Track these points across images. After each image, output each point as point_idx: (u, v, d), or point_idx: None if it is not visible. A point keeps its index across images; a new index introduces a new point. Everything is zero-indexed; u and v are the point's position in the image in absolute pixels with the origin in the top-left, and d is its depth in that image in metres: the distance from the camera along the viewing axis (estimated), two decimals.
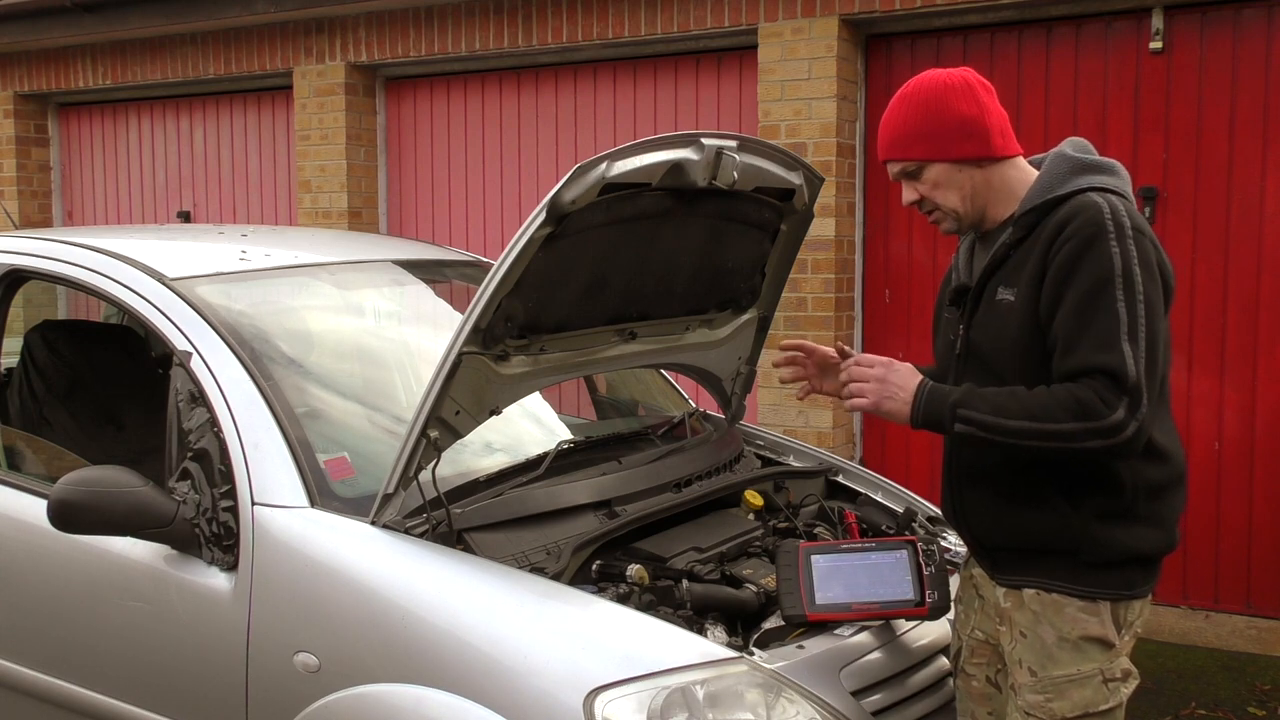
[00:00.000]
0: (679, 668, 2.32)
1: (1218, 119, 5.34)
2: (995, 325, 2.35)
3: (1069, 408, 2.16)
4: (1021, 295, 2.29)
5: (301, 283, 3.51)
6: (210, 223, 8.05)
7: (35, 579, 3.06)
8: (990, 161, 2.39)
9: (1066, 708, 2.29)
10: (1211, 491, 5.38)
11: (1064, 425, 2.16)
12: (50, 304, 6.16)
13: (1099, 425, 2.15)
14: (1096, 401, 2.15)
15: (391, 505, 2.60)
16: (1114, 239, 2.20)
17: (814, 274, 5.91)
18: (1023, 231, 2.33)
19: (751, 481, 3.28)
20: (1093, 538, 2.28)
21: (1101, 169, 2.35)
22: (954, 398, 2.27)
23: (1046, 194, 2.32)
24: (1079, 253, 2.21)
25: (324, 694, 2.52)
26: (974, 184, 2.39)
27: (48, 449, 3.67)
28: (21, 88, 8.56)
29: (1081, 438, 2.16)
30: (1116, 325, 2.16)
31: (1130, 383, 2.14)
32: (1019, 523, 2.34)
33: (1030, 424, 2.19)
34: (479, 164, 7.16)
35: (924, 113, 2.38)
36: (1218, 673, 5.01)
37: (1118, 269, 2.18)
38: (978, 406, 2.24)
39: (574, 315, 2.89)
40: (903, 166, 2.42)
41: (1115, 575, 2.30)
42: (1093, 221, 2.22)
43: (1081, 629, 2.30)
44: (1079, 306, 2.19)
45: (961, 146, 2.37)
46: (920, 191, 2.42)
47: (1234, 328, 5.35)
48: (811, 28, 5.84)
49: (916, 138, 2.38)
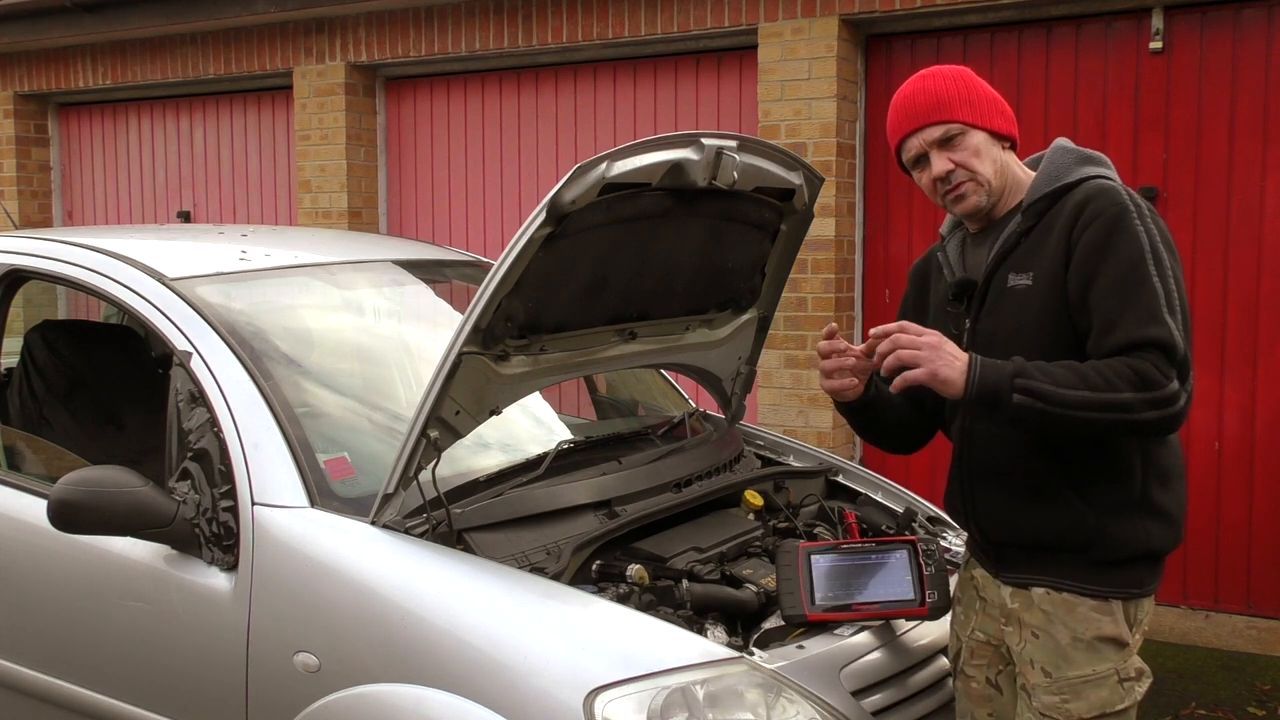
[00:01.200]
0: (679, 668, 2.32)
1: (1218, 119, 5.34)
2: (1010, 311, 2.35)
3: (1127, 378, 2.14)
4: (1042, 278, 2.29)
5: (301, 283, 3.51)
6: (210, 223, 8.05)
7: (35, 579, 3.06)
8: (1011, 146, 2.44)
9: (1083, 708, 2.29)
10: (1211, 491, 5.38)
11: (1123, 395, 2.13)
12: (50, 304, 6.16)
13: (1157, 395, 2.13)
14: (1154, 371, 2.14)
15: (391, 505, 2.60)
16: (1137, 218, 2.23)
17: (814, 274, 5.91)
18: (1033, 219, 2.34)
19: (751, 481, 3.28)
20: (1105, 534, 2.28)
21: (1102, 162, 2.39)
22: (1010, 368, 2.19)
23: (1055, 182, 2.34)
24: (1108, 231, 2.22)
25: (324, 694, 2.52)
26: (1002, 162, 2.42)
27: (48, 449, 3.67)
28: (21, 88, 8.56)
29: (1139, 408, 2.14)
30: (1157, 300, 2.17)
31: (1180, 355, 2.16)
32: (1032, 520, 2.34)
33: (1090, 394, 2.13)
34: (479, 164, 7.16)
35: (960, 83, 2.39)
36: (1218, 673, 5.01)
37: (1147, 246, 2.20)
38: (1035, 376, 2.16)
39: (574, 315, 2.89)
40: (945, 130, 2.36)
41: (1126, 573, 2.31)
42: (1116, 202, 2.24)
43: (1096, 629, 2.29)
44: (1118, 284, 2.19)
45: (998, 120, 2.41)
46: (956, 160, 2.37)
47: (1234, 328, 5.35)
48: (811, 28, 5.84)
49: (960, 102, 2.37)
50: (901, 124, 2.43)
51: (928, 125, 2.38)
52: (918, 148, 2.41)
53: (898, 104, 2.45)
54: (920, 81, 2.42)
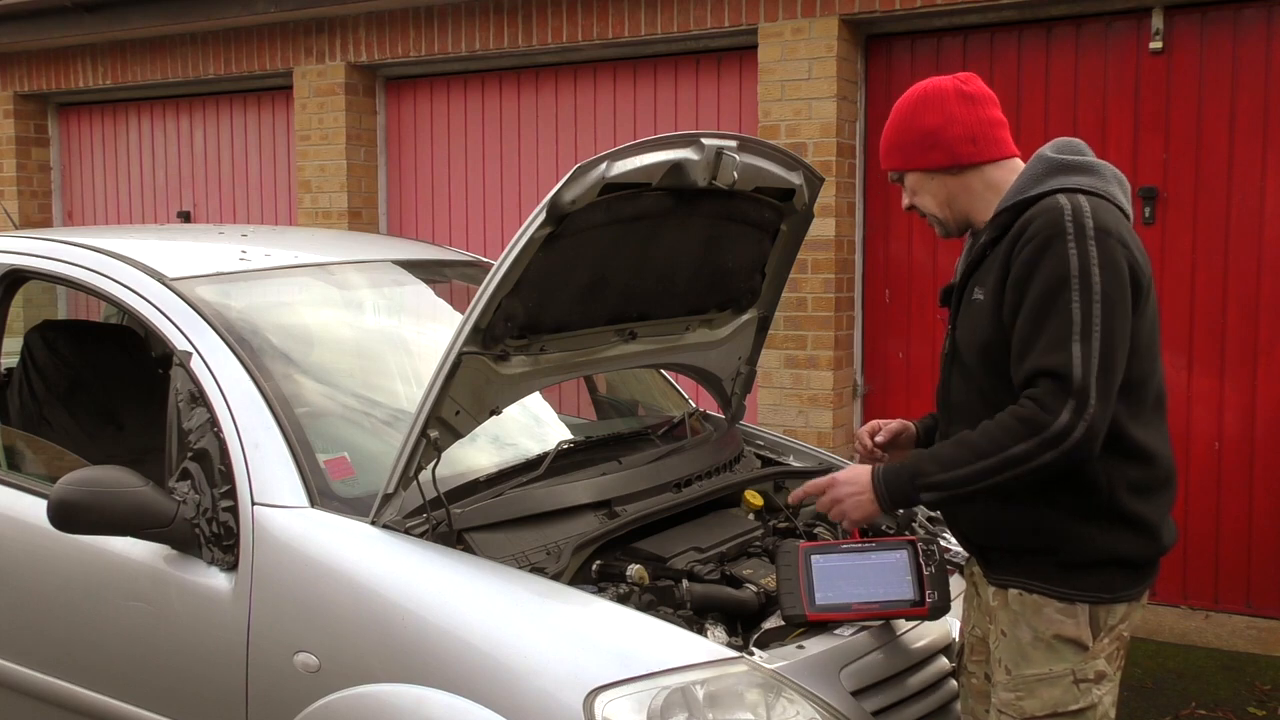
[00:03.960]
0: (679, 668, 2.32)
1: (1218, 119, 5.34)
2: (969, 325, 2.39)
3: (1012, 430, 2.18)
4: (988, 294, 2.32)
5: (301, 283, 3.51)
6: (210, 223, 8.05)
7: (35, 579, 3.06)
8: (963, 168, 2.43)
9: (1036, 706, 2.31)
10: (1211, 491, 5.37)
11: (1015, 449, 2.18)
12: (50, 304, 6.16)
13: (1046, 436, 2.15)
14: (1037, 412, 2.16)
15: (391, 505, 2.60)
16: (1072, 240, 2.20)
17: (814, 274, 5.91)
18: (997, 232, 2.36)
19: (751, 481, 3.28)
20: (1069, 536, 2.29)
21: (1079, 169, 2.34)
22: (908, 472, 2.32)
23: (1018, 195, 2.34)
24: (1036, 255, 2.22)
25: (324, 694, 2.52)
26: (949, 190, 2.45)
27: (48, 449, 3.67)
28: (21, 88, 8.56)
29: (1035, 455, 2.17)
30: (1068, 327, 2.17)
31: (1075, 384, 2.14)
32: (1002, 522, 2.36)
33: (983, 463, 2.21)
34: (479, 164, 7.16)
35: (898, 125, 2.50)
36: (1218, 673, 5.01)
37: (1074, 270, 2.18)
38: (930, 471, 2.28)
39: (574, 315, 2.89)
40: (890, 175, 2.56)
41: (1093, 577, 2.31)
42: (1051, 223, 2.23)
43: (1056, 629, 2.31)
44: (1033, 310, 2.21)
45: (927, 156, 2.45)
46: (908, 199, 2.55)
47: (1234, 328, 5.34)
48: (811, 28, 5.84)
49: (891, 149, 2.52)
50: None
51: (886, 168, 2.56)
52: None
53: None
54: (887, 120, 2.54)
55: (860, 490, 2.39)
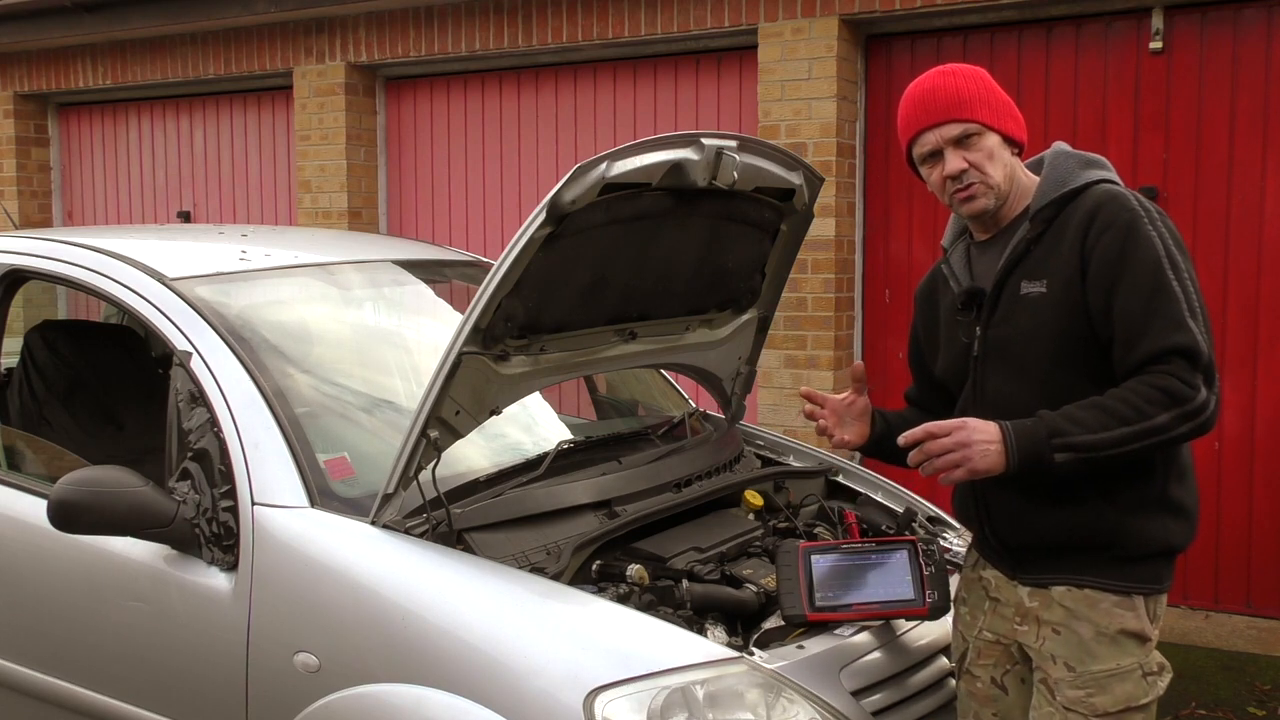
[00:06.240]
0: (679, 668, 2.32)
1: (1218, 119, 5.34)
2: (1024, 318, 2.34)
3: (1157, 400, 2.16)
4: (1058, 286, 2.29)
5: (301, 283, 3.51)
6: (210, 223, 8.05)
7: (35, 579, 3.06)
8: (1018, 152, 2.43)
9: (1109, 702, 2.29)
10: (1211, 491, 5.37)
11: (1158, 419, 2.15)
12: (50, 304, 6.17)
13: (1188, 408, 2.15)
14: (1181, 385, 2.15)
15: (391, 505, 2.60)
16: (1149, 223, 2.24)
17: (814, 274, 5.91)
18: (1041, 226, 2.34)
19: (751, 481, 3.28)
20: (1128, 531, 2.28)
21: (1104, 165, 2.38)
22: (1044, 429, 2.19)
23: (1061, 187, 2.34)
24: (1123, 239, 2.23)
25: (324, 694, 2.52)
26: (1011, 168, 2.41)
27: (48, 449, 3.67)
28: (21, 88, 8.56)
29: (1174, 425, 2.16)
30: (1179, 306, 2.19)
31: (1205, 359, 2.17)
32: (1052, 522, 2.33)
33: (1126, 429, 2.16)
34: (479, 164, 7.16)
35: (981, 84, 2.39)
36: (1218, 673, 5.01)
37: (1162, 251, 2.22)
38: (1070, 430, 2.18)
39: (574, 315, 2.89)
40: (964, 128, 2.35)
41: (1148, 569, 2.31)
42: (1126, 208, 2.25)
43: (1119, 623, 2.30)
44: (1139, 293, 2.20)
45: (1012, 125, 2.41)
46: (971, 160, 2.36)
47: (1234, 328, 5.35)
48: (811, 28, 5.84)
49: (980, 103, 2.37)
50: (919, 118, 2.40)
51: (947, 122, 2.37)
52: (934, 143, 2.39)
53: (915, 98, 2.41)
54: (940, 78, 2.40)
55: (991, 440, 2.20)
